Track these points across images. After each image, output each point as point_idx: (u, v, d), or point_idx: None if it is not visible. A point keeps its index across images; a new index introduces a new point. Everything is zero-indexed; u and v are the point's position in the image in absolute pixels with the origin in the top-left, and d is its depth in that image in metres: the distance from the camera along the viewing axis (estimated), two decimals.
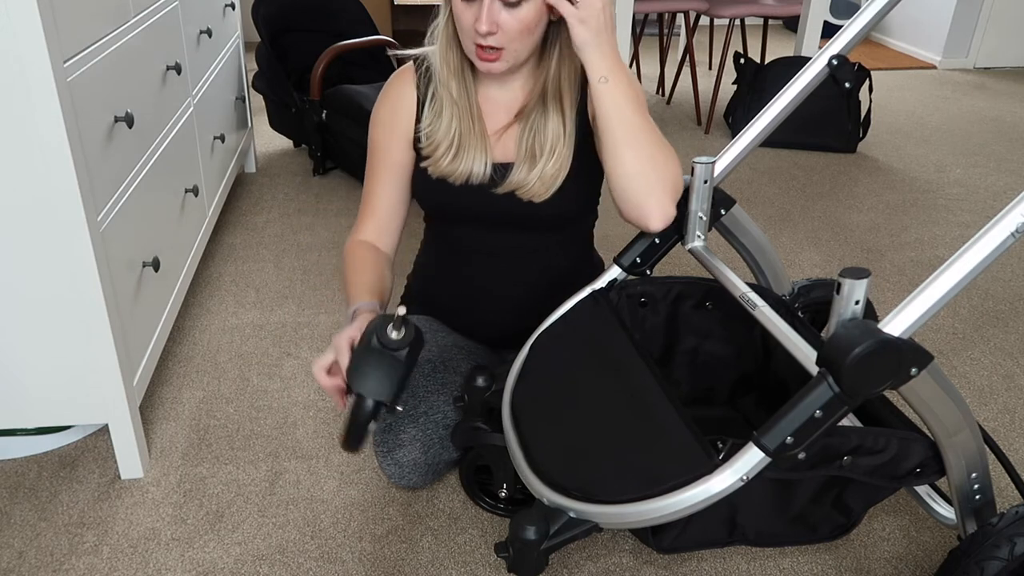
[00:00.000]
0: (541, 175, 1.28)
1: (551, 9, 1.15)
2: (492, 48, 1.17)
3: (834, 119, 3.02)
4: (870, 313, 1.70)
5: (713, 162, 1.31)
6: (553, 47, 1.24)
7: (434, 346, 1.42)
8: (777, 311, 1.14)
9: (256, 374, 1.70)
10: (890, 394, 0.96)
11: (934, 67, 4.41)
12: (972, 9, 4.27)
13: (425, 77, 1.32)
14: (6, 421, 1.32)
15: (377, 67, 2.90)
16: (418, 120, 1.33)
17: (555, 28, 1.22)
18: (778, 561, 1.26)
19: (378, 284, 1.33)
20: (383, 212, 1.39)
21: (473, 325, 1.48)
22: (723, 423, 1.35)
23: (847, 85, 1.32)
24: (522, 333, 1.30)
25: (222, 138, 2.19)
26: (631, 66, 4.06)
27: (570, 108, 1.26)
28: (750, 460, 0.91)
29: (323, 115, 2.62)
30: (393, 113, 1.34)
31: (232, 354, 1.77)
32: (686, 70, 4.05)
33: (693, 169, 1.32)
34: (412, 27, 4.88)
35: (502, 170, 1.30)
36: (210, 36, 2.12)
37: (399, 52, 1.38)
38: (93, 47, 1.27)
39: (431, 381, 1.35)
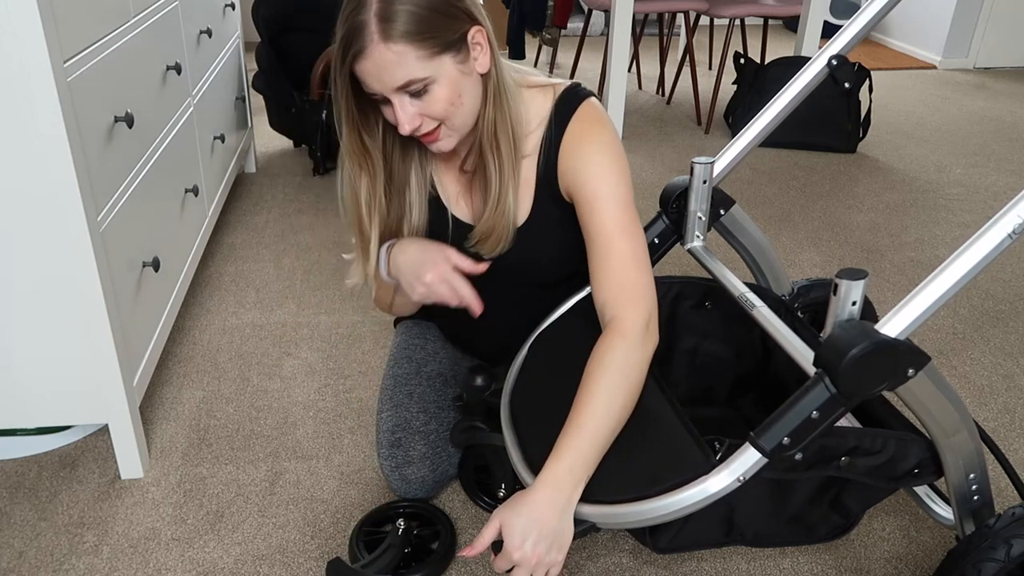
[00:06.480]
0: (485, 228, 1.19)
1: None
2: (429, 132, 1.09)
3: (834, 119, 3.02)
4: (870, 313, 1.70)
5: (712, 162, 1.32)
6: (482, 100, 1.13)
7: (444, 357, 1.40)
8: (776, 311, 1.14)
9: (256, 374, 1.70)
10: (888, 394, 0.96)
11: (934, 67, 4.41)
12: (972, 9, 4.26)
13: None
14: (6, 421, 1.33)
15: None
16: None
17: (483, 79, 1.11)
18: (778, 561, 1.26)
19: None
20: None
21: (473, 342, 1.43)
22: (722, 423, 1.35)
23: (847, 85, 1.32)
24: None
25: (222, 138, 2.19)
26: (631, 67, 4.06)
27: (508, 155, 1.15)
28: (747, 461, 0.91)
29: (323, 115, 2.63)
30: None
31: (232, 354, 1.77)
32: (686, 70, 4.05)
33: (692, 169, 1.32)
34: None
35: (465, 227, 1.24)
36: (210, 36, 2.12)
37: None
38: (93, 47, 1.27)
39: (443, 396, 1.34)
